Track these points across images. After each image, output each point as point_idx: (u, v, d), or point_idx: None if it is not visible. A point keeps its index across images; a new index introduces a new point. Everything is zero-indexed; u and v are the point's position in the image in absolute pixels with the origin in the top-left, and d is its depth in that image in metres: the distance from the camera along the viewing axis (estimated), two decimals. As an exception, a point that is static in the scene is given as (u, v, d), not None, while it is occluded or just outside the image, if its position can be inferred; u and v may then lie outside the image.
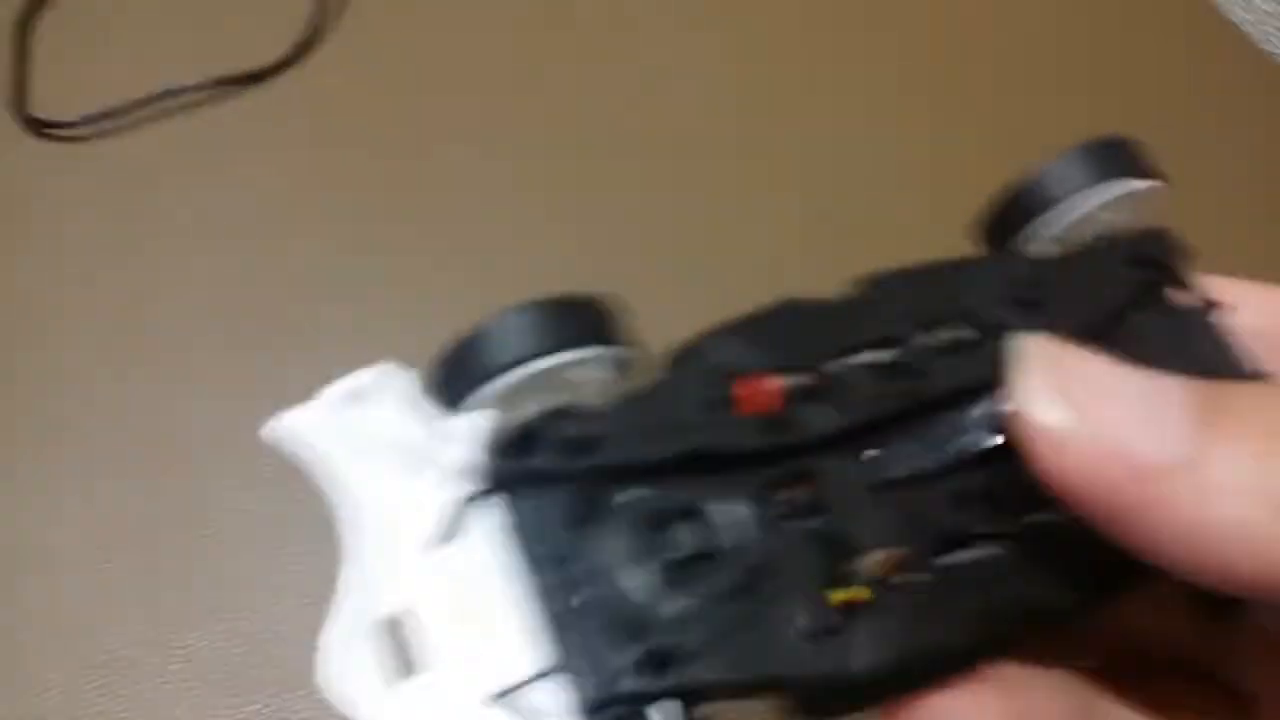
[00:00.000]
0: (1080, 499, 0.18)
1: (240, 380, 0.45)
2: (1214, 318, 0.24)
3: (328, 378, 0.20)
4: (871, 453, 0.21)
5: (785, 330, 0.22)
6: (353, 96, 0.53)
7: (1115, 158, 0.24)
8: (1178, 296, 0.24)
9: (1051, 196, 0.24)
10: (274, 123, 0.52)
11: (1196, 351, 0.23)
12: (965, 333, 0.22)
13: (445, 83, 0.54)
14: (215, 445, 0.44)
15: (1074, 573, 0.21)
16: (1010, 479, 0.21)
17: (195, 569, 0.41)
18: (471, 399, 0.20)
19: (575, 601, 0.19)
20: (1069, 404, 0.18)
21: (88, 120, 0.51)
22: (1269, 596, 0.17)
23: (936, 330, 0.22)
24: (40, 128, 0.51)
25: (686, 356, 0.21)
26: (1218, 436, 0.17)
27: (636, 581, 0.19)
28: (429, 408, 0.20)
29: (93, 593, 0.41)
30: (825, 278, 0.23)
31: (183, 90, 0.52)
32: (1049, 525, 0.21)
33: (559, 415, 0.20)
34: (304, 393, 0.20)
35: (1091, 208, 0.24)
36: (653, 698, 0.19)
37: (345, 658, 0.18)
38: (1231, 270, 0.25)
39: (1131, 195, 0.24)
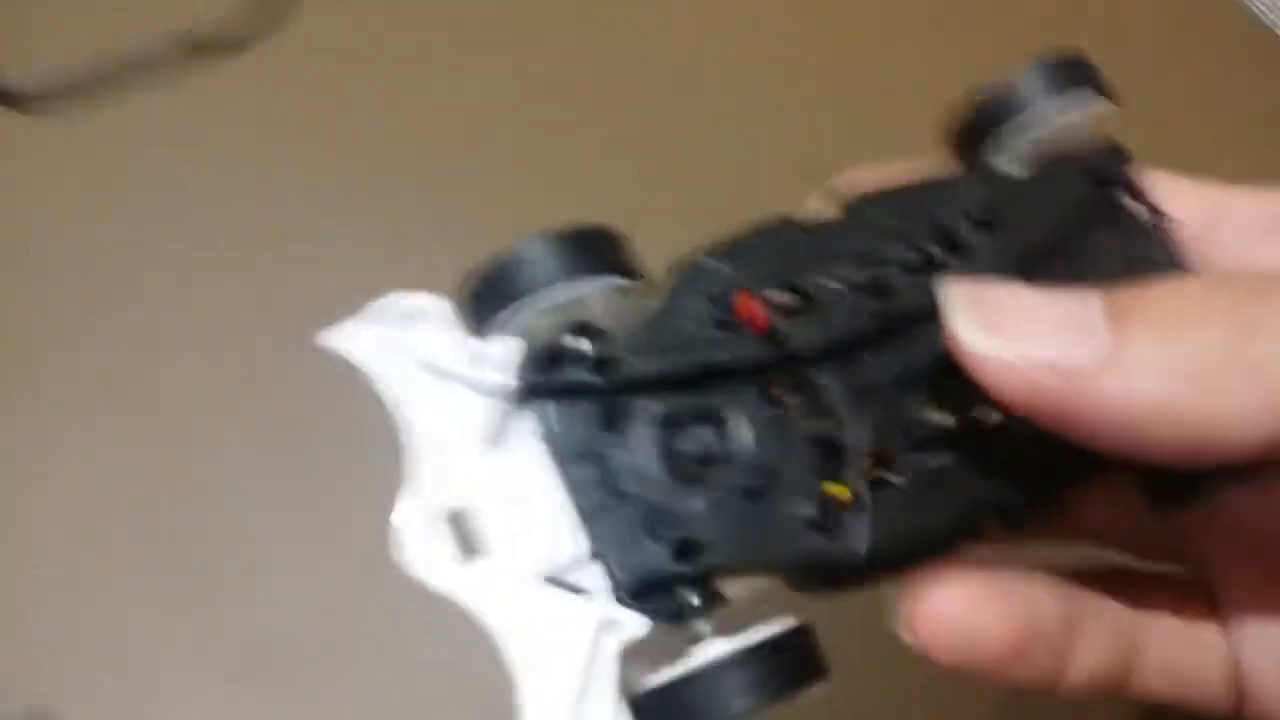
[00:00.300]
0: (1022, 406, 0.22)
1: (219, 348, 0.45)
2: (1166, 228, 0.27)
3: (315, 342, 0.23)
4: (856, 362, 0.25)
5: (776, 249, 0.25)
6: (329, 63, 0.53)
7: (1076, 72, 0.27)
8: (1133, 209, 0.27)
9: (1014, 106, 0.27)
10: (249, 90, 0.52)
11: (1148, 260, 0.27)
12: (937, 251, 0.25)
13: (427, 44, 0.54)
14: (201, 413, 0.44)
15: (1036, 465, 0.25)
16: (973, 386, 0.25)
17: (198, 539, 0.42)
18: (498, 321, 0.23)
19: (609, 496, 0.23)
20: (996, 333, 0.22)
21: (53, 92, 0.50)
22: (1199, 461, 0.21)
23: (914, 248, 0.25)
24: (5, 97, 0.50)
25: (686, 276, 0.24)
26: (1128, 330, 0.21)
27: (662, 477, 0.23)
28: (460, 330, 0.23)
29: (94, 566, 0.41)
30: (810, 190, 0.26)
31: (150, 60, 0.51)
32: (1008, 425, 0.25)
33: (583, 335, 0.23)
34: (290, 360, 0.23)
35: (1053, 116, 0.26)
36: (687, 580, 0.22)
37: (424, 541, 0.22)
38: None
39: (1090, 108, 0.27)
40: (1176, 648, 0.27)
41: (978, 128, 0.27)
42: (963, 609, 0.24)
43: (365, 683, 0.40)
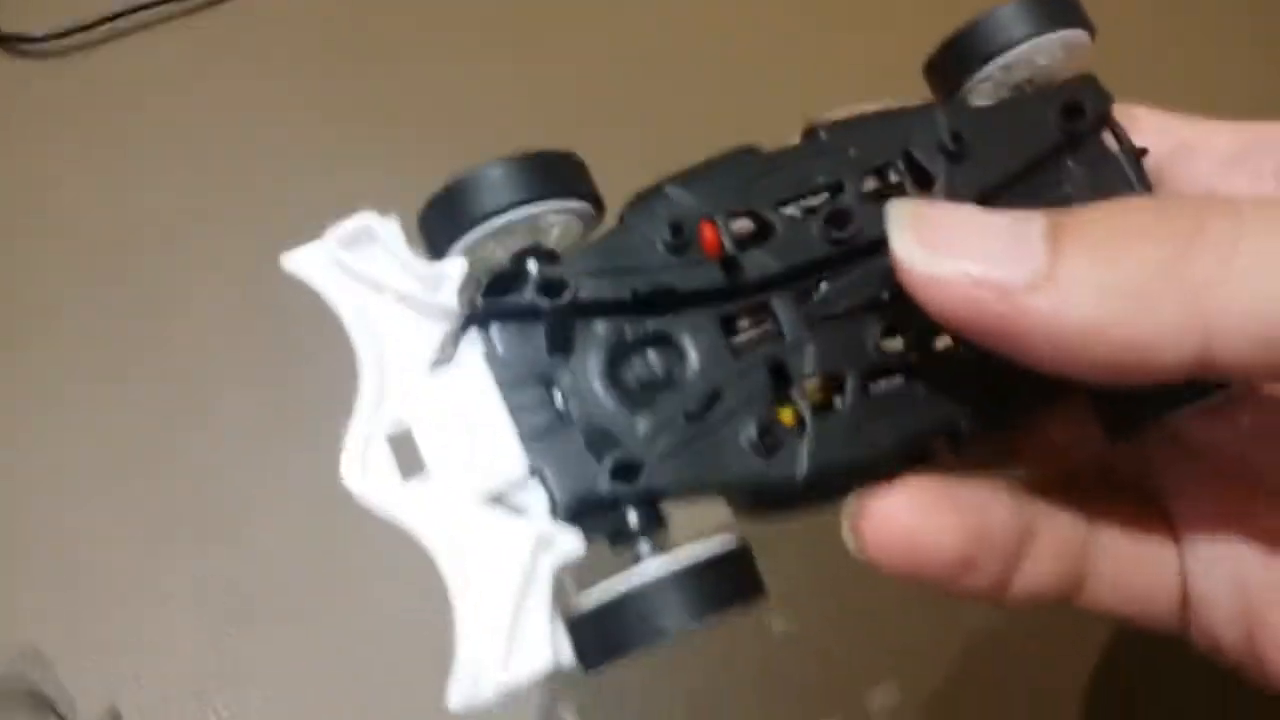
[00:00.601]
0: (962, 325, 0.22)
1: (221, 292, 0.45)
2: (1137, 160, 0.26)
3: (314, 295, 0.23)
4: (812, 290, 0.25)
5: (736, 177, 0.25)
6: (331, 8, 0.53)
7: (1055, 7, 0.27)
8: (1107, 141, 0.27)
9: (992, 41, 0.26)
10: (250, 35, 0.52)
11: (1116, 192, 0.26)
12: (899, 178, 0.25)
13: None
14: (203, 358, 0.44)
15: (985, 389, 0.25)
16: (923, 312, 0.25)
17: (198, 486, 0.42)
18: (453, 243, 0.23)
19: (552, 419, 0.23)
20: (934, 248, 0.22)
21: (57, 34, 0.50)
22: (1132, 380, 0.21)
23: (875, 175, 0.25)
24: (8, 42, 0.51)
25: (647, 203, 0.24)
26: (1065, 248, 0.21)
27: (607, 401, 0.23)
28: (411, 252, 0.23)
29: (92, 514, 0.41)
30: (784, 123, 0.26)
31: (156, 2, 0.51)
32: (958, 351, 0.25)
33: (537, 256, 0.23)
34: (291, 298, 0.23)
35: (1029, 51, 0.26)
36: (625, 500, 0.22)
37: (365, 461, 0.22)
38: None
39: (1068, 42, 0.27)
40: (1128, 563, 0.27)
41: (955, 62, 0.27)
42: (911, 517, 0.24)
43: (358, 624, 0.40)
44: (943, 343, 0.25)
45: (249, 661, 0.39)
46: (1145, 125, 0.27)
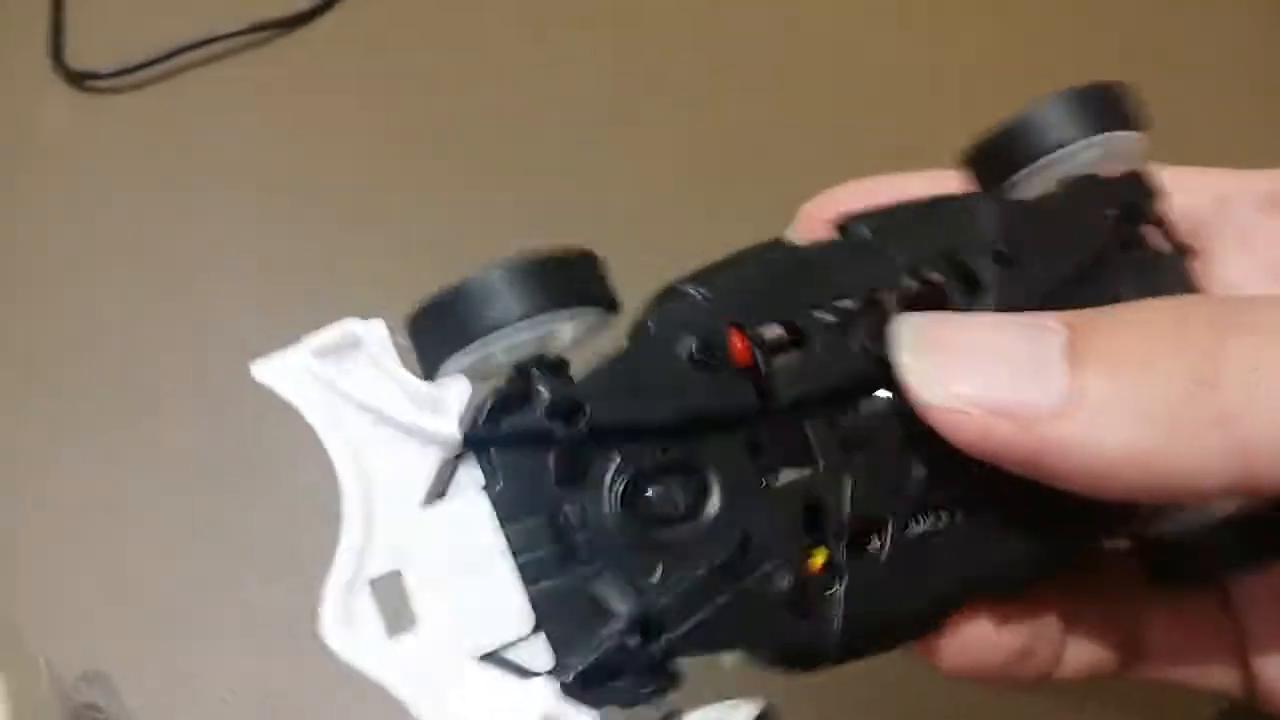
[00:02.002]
0: (985, 455, 0.20)
1: (284, 327, 0.45)
2: (1186, 261, 0.25)
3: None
4: (847, 412, 0.22)
5: (763, 277, 0.22)
6: (392, 37, 0.53)
7: (1105, 106, 0.24)
8: (1154, 240, 0.25)
9: (1040, 146, 0.24)
10: (314, 66, 0.52)
11: (1164, 294, 0.23)
12: (946, 282, 0.22)
13: (486, 20, 0.54)
14: (261, 391, 0.44)
15: (1030, 536, 0.22)
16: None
17: (252, 513, 0.42)
18: (450, 360, 0.20)
19: (560, 562, 0.20)
20: (947, 376, 0.20)
21: (126, 70, 0.51)
22: (1173, 501, 0.20)
23: (919, 278, 0.22)
24: (78, 79, 0.51)
25: (667, 309, 0.22)
26: (1085, 368, 0.19)
27: (621, 544, 0.20)
28: (403, 368, 0.20)
29: (148, 538, 0.41)
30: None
31: (220, 37, 0.51)
32: (1005, 490, 0.21)
33: (543, 369, 0.20)
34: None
35: (1079, 159, 0.24)
36: (641, 662, 0.19)
37: (346, 611, 0.19)
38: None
39: (1123, 144, 0.25)
40: (1184, 637, 0.26)
41: (1002, 156, 0.25)
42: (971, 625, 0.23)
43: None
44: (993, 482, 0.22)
45: (310, 686, 0.39)
46: (1183, 182, 0.26)
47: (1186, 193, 0.26)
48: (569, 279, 0.20)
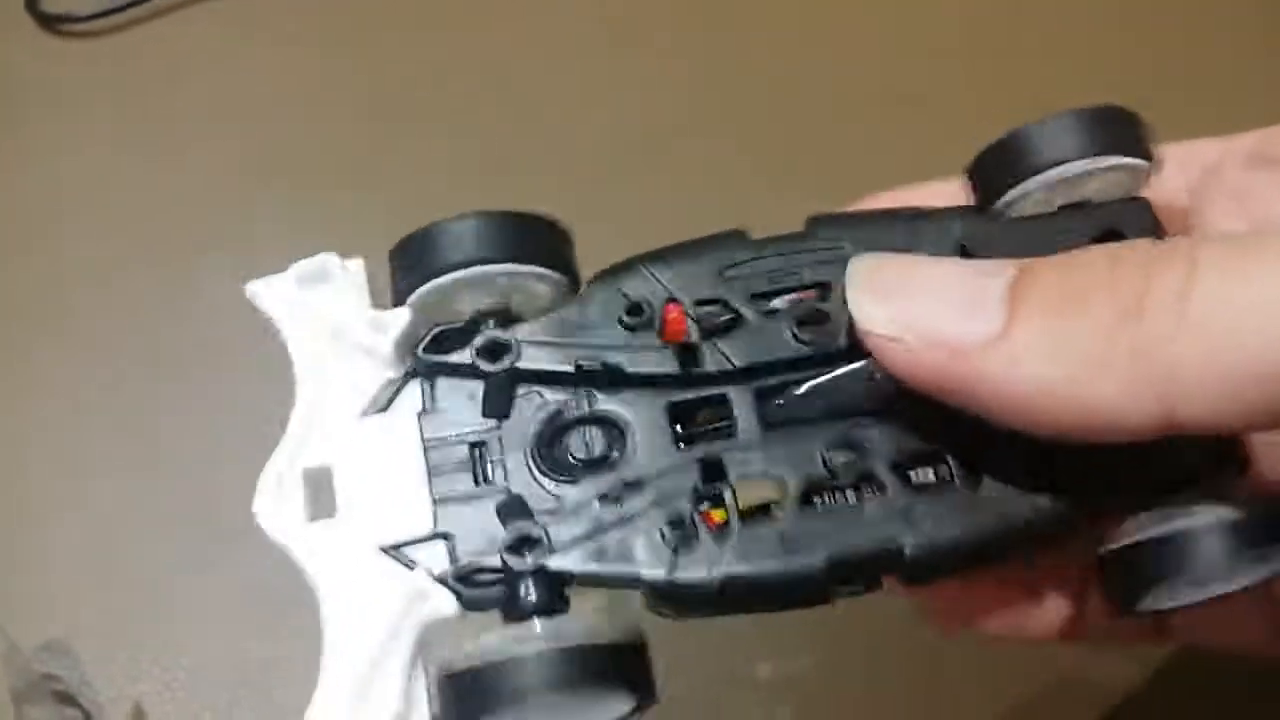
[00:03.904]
0: (918, 384, 0.21)
1: (254, 275, 0.45)
2: None
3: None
4: (772, 386, 0.23)
5: (719, 262, 0.24)
6: None
7: (1108, 129, 0.24)
8: None
9: (1033, 163, 0.24)
10: (294, 7, 0.52)
11: None
12: None
13: None
14: (237, 344, 0.42)
15: (949, 525, 0.22)
16: (887, 431, 0.23)
17: (228, 484, 0.41)
18: (413, 292, 0.23)
19: (471, 481, 0.23)
20: (891, 305, 0.21)
21: (100, 14, 0.51)
22: (1101, 440, 0.20)
23: None
24: (53, 23, 0.51)
25: (615, 277, 0.24)
26: (1020, 306, 0.20)
27: (532, 473, 0.23)
28: (368, 299, 0.24)
29: (124, 512, 0.41)
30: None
31: None
32: (921, 482, 0.23)
33: (496, 319, 0.23)
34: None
35: (1077, 180, 0.24)
36: (517, 575, 0.22)
37: (276, 495, 0.22)
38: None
39: (1119, 170, 0.24)
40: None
41: (997, 169, 0.25)
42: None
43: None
44: (917, 465, 0.23)
45: (275, 662, 0.39)
46: (1172, 156, 0.26)
47: (1177, 167, 0.26)
48: (530, 238, 0.23)
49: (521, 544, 0.22)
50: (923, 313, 0.21)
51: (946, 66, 0.50)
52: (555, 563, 0.22)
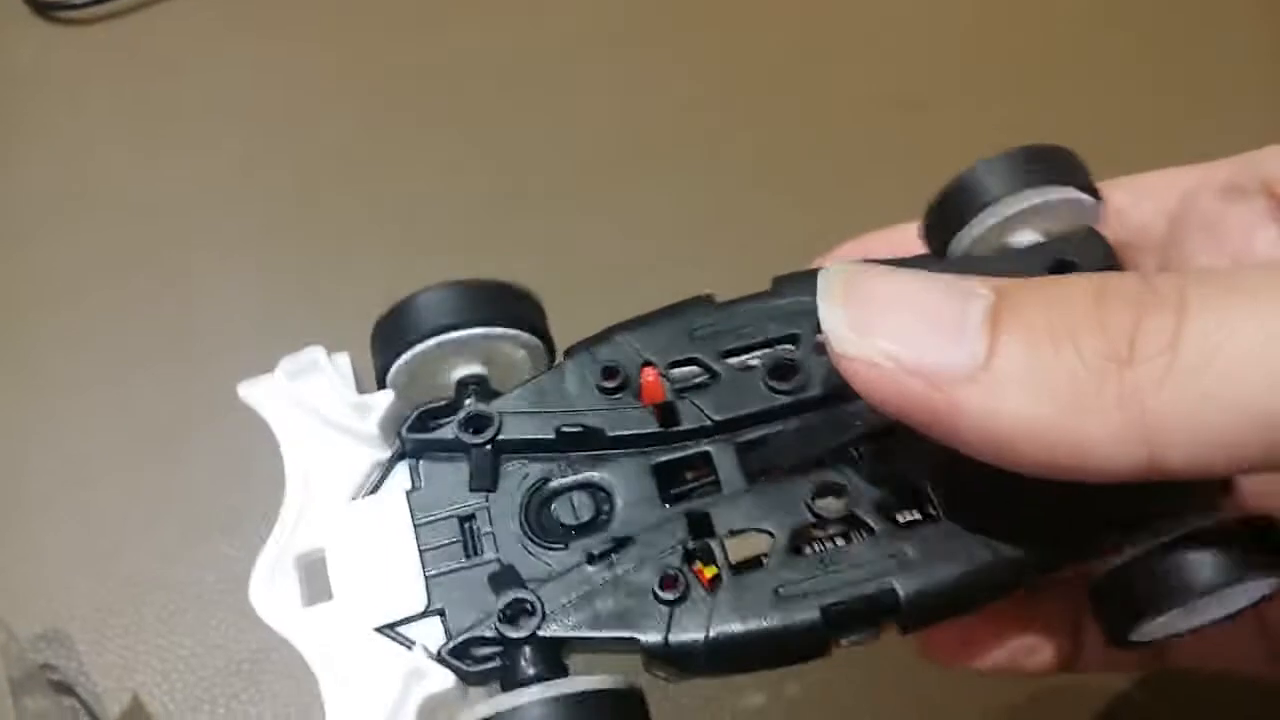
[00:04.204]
0: (892, 412, 0.20)
1: (250, 265, 0.45)
2: None
3: (343, 272, 0.24)
4: (753, 440, 0.24)
5: (689, 325, 0.25)
6: None
7: (1049, 165, 0.25)
8: None
9: (974, 204, 0.25)
10: (287, 1, 0.52)
11: None
12: None
13: None
14: (234, 334, 0.43)
15: (936, 572, 0.22)
16: (870, 473, 0.23)
17: (231, 475, 0.40)
18: (396, 366, 0.24)
19: (463, 555, 0.23)
20: (865, 329, 0.20)
21: (95, 1, 0.51)
22: (1080, 479, 0.19)
23: None
24: (48, 10, 0.52)
25: (589, 346, 0.24)
26: (1001, 335, 0.19)
27: (522, 542, 0.23)
28: (354, 386, 0.24)
29: (121, 502, 0.41)
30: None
31: None
32: (909, 520, 0.23)
33: (470, 392, 0.24)
34: (325, 288, 0.23)
35: (1018, 219, 0.25)
36: (513, 643, 0.22)
37: (270, 582, 0.23)
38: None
39: (1063, 206, 0.25)
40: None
41: (944, 222, 0.26)
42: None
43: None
44: (902, 505, 0.23)
45: (273, 652, 0.38)
46: (1151, 185, 0.27)
47: (1155, 196, 0.26)
48: (502, 303, 0.24)
49: (515, 612, 0.22)
50: (898, 334, 0.20)
51: (947, 73, 0.50)
52: (550, 630, 0.22)
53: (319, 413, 0.24)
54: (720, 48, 0.52)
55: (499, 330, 0.24)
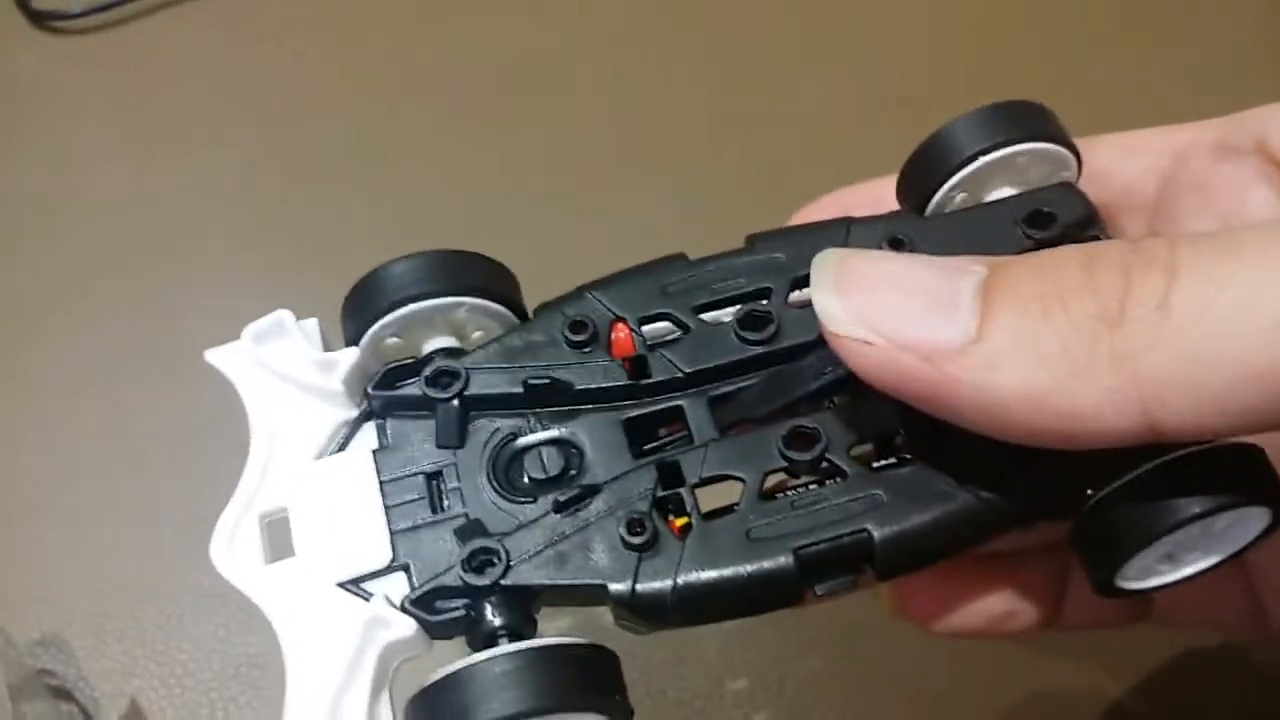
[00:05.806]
0: (887, 388, 0.20)
1: (246, 275, 0.45)
2: None
3: (342, 274, 0.24)
4: (725, 394, 0.23)
5: (661, 281, 0.24)
6: None
7: (1012, 122, 0.25)
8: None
9: (959, 155, 0.25)
10: (281, 7, 0.51)
11: None
12: None
13: None
14: (228, 341, 0.40)
15: (907, 517, 0.22)
16: (844, 418, 0.23)
17: (220, 481, 0.41)
18: (369, 334, 0.24)
19: (429, 511, 0.22)
20: (859, 306, 0.20)
21: (91, 10, 0.51)
22: (1079, 446, 0.19)
23: (803, 282, 0.24)
24: (43, 20, 0.51)
25: (559, 304, 0.24)
26: (993, 307, 0.19)
27: (489, 496, 0.22)
28: (320, 346, 0.24)
29: (120, 507, 0.40)
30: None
31: None
32: (883, 465, 0.23)
33: (438, 352, 0.24)
34: (323, 294, 0.23)
35: (994, 174, 0.25)
36: (478, 593, 0.21)
37: (231, 540, 0.22)
38: None
39: (1039, 160, 0.25)
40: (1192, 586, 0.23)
41: (920, 176, 0.26)
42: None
43: None
44: (877, 449, 0.23)
45: (272, 656, 0.35)
46: (1143, 144, 0.26)
47: (1148, 154, 0.26)
48: (472, 274, 0.24)
49: (480, 562, 0.21)
50: (891, 313, 0.20)
51: (946, 73, 0.50)
52: (515, 578, 0.21)
53: (285, 374, 0.24)
54: (720, 49, 0.51)
55: (469, 300, 0.24)
